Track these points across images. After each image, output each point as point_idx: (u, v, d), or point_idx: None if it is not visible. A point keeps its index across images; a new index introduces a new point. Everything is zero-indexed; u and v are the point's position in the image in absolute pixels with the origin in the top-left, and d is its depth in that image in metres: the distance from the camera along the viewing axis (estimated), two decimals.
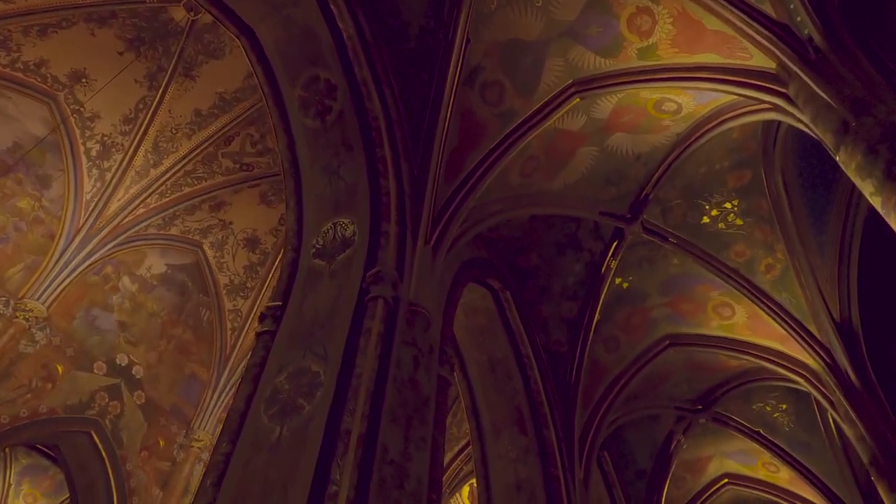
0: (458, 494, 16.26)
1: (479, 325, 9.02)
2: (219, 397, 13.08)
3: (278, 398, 4.47)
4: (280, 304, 5.37)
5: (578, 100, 6.81)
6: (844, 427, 7.50)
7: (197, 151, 12.64)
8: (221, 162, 12.95)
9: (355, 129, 6.22)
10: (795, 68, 4.81)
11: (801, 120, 5.05)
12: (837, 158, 4.39)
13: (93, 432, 11.61)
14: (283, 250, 6.10)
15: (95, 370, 12.03)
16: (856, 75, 4.39)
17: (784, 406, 10.86)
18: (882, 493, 6.83)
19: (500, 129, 6.82)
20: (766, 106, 5.79)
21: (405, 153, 6.26)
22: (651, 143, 7.55)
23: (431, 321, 5.46)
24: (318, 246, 5.82)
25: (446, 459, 14.47)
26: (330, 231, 5.86)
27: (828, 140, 4.49)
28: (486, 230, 8.41)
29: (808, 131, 4.97)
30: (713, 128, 6.97)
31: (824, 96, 4.51)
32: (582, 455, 8.81)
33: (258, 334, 5.15)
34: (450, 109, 6.52)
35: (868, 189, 4.01)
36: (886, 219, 3.95)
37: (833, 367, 7.81)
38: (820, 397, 8.06)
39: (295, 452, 3.99)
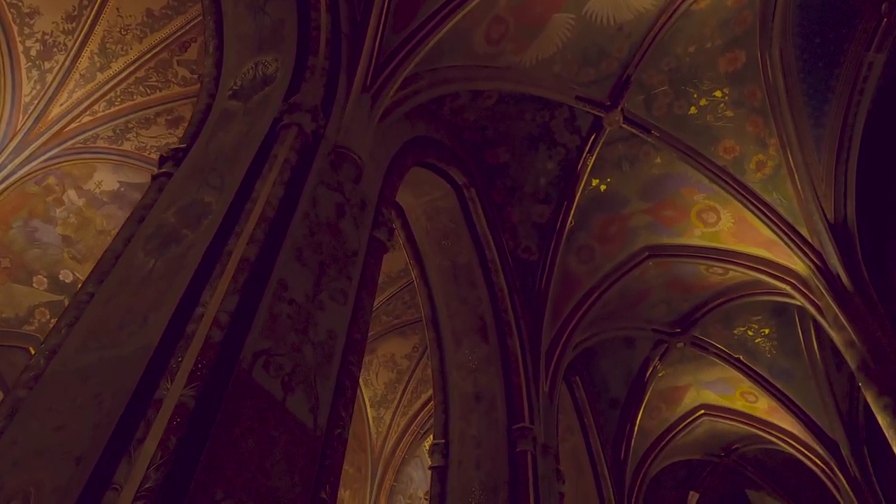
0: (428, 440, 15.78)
1: (442, 228, 8.22)
2: None
3: (161, 232, 3.65)
4: (184, 146, 4.51)
5: None
6: (832, 333, 6.84)
7: (149, 56, 11.51)
8: (177, 71, 11.84)
9: None
10: None
11: None
12: None
13: (31, 349, 10.92)
14: (197, 98, 5.21)
15: (35, 284, 11.26)
16: None
17: (766, 331, 10.23)
18: (870, 399, 6.23)
19: None
20: None
21: None
22: (635, 9, 6.62)
23: (364, 172, 4.63)
24: (235, 87, 4.93)
25: (415, 407, 13.84)
26: (250, 71, 4.96)
27: None
28: (448, 113, 7.54)
29: None
30: None
31: None
32: (549, 368, 8.15)
33: (154, 177, 4.29)
34: None
35: None
36: None
37: (823, 270, 7.11)
38: (807, 304, 7.38)
39: (166, 281, 3.20)
